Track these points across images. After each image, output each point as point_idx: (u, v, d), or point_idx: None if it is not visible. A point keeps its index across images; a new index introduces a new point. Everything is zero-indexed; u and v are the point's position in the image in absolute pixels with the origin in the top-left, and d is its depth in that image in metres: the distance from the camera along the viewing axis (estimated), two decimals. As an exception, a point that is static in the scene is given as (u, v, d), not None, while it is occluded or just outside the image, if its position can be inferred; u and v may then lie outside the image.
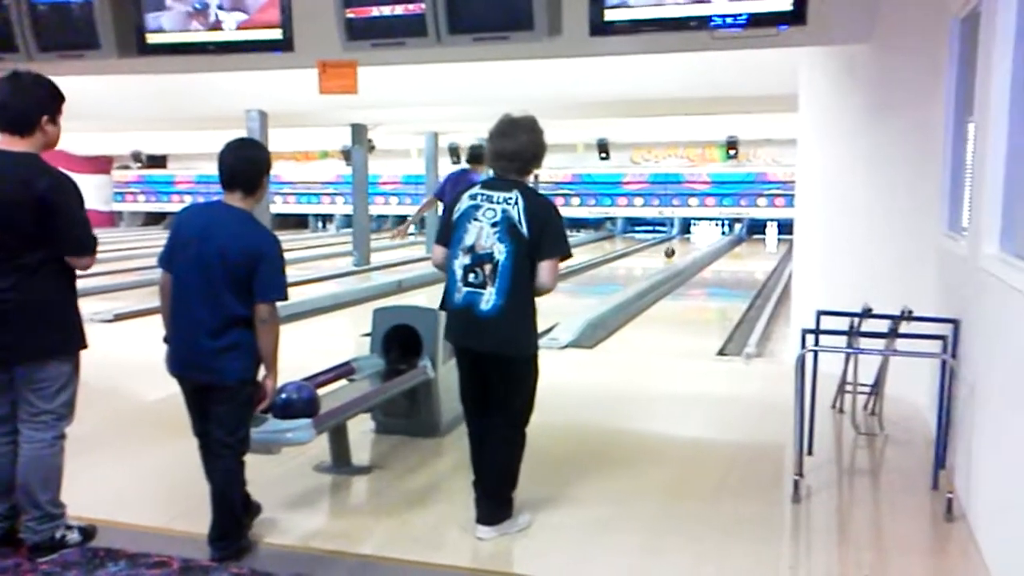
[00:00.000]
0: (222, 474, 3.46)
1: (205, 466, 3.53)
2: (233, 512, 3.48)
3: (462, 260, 3.53)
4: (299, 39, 6.01)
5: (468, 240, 3.52)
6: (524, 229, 3.45)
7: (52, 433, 3.40)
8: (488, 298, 3.45)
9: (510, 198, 3.49)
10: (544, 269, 3.52)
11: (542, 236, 3.48)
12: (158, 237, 21.33)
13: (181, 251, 3.40)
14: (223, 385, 3.37)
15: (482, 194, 3.57)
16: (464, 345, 3.63)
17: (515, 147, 3.55)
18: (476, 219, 3.52)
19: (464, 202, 3.61)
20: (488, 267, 3.46)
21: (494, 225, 3.47)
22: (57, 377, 3.38)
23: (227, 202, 3.43)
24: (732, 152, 20.93)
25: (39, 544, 3.41)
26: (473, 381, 3.70)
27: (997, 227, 3.76)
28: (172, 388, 3.53)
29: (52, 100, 3.40)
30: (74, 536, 3.50)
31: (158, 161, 25.68)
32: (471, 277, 3.49)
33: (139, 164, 25.35)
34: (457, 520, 3.88)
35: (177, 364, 3.46)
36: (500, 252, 3.44)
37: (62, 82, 3.51)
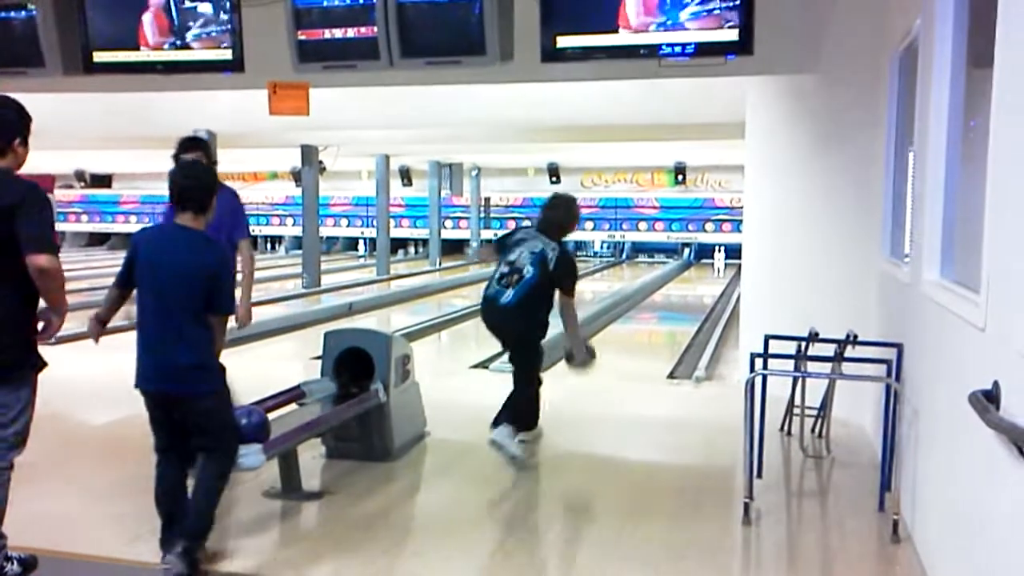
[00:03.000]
0: (207, 479, 3.49)
1: (168, 480, 3.52)
2: (210, 513, 3.48)
3: (502, 268, 5.03)
4: (250, 60, 5.95)
5: (511, 257, 5.03)
6: (551, 267, 4.92)
7: (0, 463, 3.29)
8: (508, 296, 4.92)
9: (550, 245, 5.00)
10: (565, 298, 5.02)
11: (563, 279, 4.98)
12: (102, 259, 20.96)
13: (140, 273, 3.46)
14: (197, 395, 3.42)
15: (533, 234, 5.09)
16: (490, 322, 5.09)
17: (554, 216, 5.21)
18: (521, 247, 5.04)
19: (519, 234, 5.20)
20: (516, 277, 4.95)
21: (532, 254, 4.98)
22: (14, 403, 3.28)
23: (180, 223, 3.49)
24: (680, 178, 21.24)
25: (-25, 577, 3.30)
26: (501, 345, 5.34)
27: (937, 253, 3.84)
28: (118, 412, 3.48)
29: (21, 121, 3.34)
30: (13, 568, 3.39)
31: (102, 180, 25.21)
32: (503, 281, 4.98)
33: (82, 183, 24.83)
34: (409, 546, 3.85)
35: (149, 379, 3.46)
36: (528, 271, 4.93)
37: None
